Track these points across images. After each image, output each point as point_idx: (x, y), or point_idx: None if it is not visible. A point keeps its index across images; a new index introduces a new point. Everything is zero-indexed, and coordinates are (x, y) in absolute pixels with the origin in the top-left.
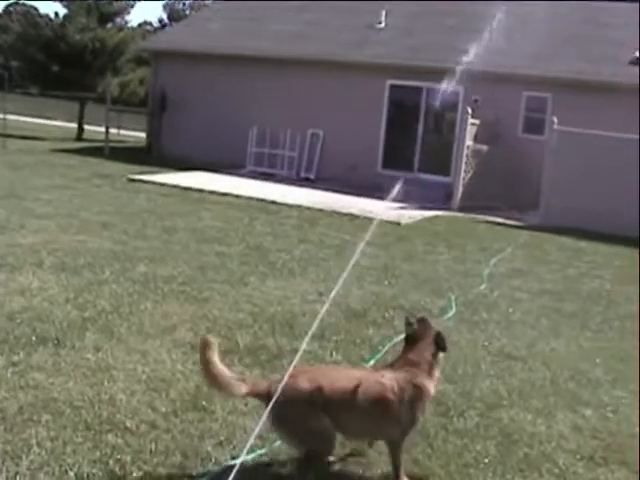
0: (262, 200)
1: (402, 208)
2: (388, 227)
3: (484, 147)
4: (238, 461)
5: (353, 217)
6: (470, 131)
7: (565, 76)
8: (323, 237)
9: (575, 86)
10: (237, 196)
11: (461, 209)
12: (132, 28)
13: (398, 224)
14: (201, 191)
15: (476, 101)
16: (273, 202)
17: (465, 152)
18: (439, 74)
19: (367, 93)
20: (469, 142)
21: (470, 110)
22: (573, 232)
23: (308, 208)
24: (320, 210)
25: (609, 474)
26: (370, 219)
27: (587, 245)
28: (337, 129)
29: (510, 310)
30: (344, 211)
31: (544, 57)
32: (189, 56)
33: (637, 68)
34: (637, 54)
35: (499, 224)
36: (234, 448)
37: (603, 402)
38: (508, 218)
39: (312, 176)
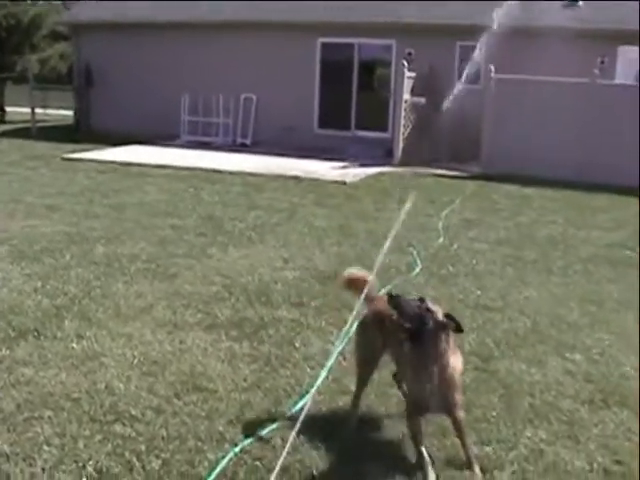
0: (203, 169)
1: (344, 167)
2: (334, 187)
3: (422, 100)
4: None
5: (298, 179)
6: (407, 85)
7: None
8: (272, 202)
9: (507, 34)
10: (177, 167)
11: (403, 164)
12: (47, 2)
13: (344, 183)
14: (140, 165)
15: (410, 54)
16: (215, 170)
17: (403, 106)
18: (371, 29)
19: (298, 53)
20: (406, 96)
21: (405, 63)
22: (516, 179)
23: (251, 174)
24: (263, 175)
25: (613, 416)
26: (315, 180)
27: (533, 192)
28: (270, 92)
29: (474, 262)
30: (288, 174)
31: (475, 6)
32: (111, 27)
33: (570, 12)
34: None
35: (443, 176)
36: (245, 425)
37: (587, 345)
38: (450, 169)
39: (248, 141)
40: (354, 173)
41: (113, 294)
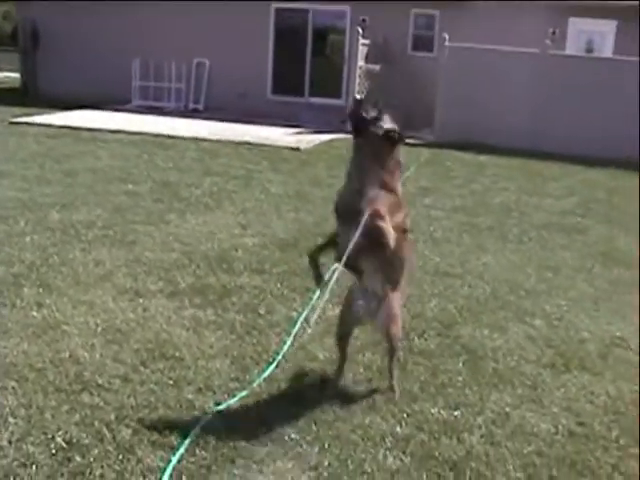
0: (156, 135)
1: (298, 133)
2: (288, 153)
3: (376, 67)
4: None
5: (251, 145)
6: (361, 52)
7: None
8: (227, 168)
9: (462, 2)
10: (129, 132)
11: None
12: None
13: (298, 149)
14: (91, 130)
15: (364, 21)
16: (168, 136)
17: (357, 73)
18: None
19: (252, 18)
20: (361, 63)
21: (360, 30)
22: (470, 147)
23: (204, 139)
24: (217, 141)
25: (574, 380)
26: (269, 146)
27: (487, 159)
28: (223, 57)
29: (431, 229)
30: (241, 140)
31: None
32: None
33: None
34: None
35: None
36: (214, 393)
37: (546, 311)
38: (404, 137)
39: (200, 107)
40: (308, 139)
41: (71, 261)
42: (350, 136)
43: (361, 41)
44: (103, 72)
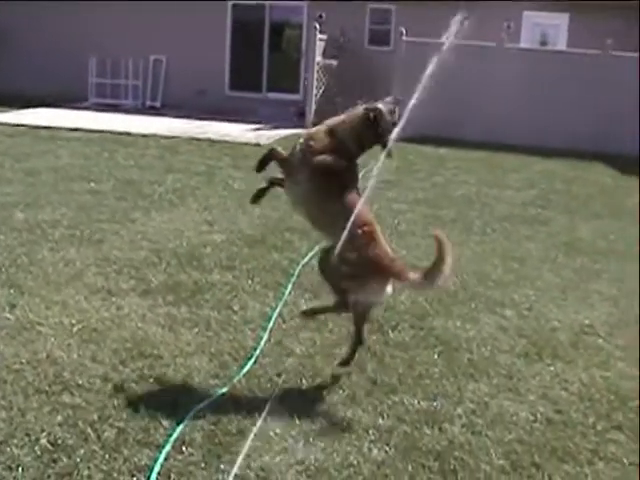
0: (115, 132)
1: (257, 129)
2: (249, 149)
3: (333, 62)
4: (203, 404)
5: (212, 142)
6: (319, 47)
7: None
8: (188, 165)
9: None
10: (88, 130)
11: (316, 125)
12: None
13: (258, 145)
14: (50, 128)
15: (321, 16)
16: (127, 134)
17: (315, 68)
18: None
19: (209, 14)
20: (318, 58)
21: (317, 26)
22: (430, 141)
23: (164, 137)
24: (177, 137)
25: (548, 368)
26: (229, 142)
27: (447, 152)
28: (180, 54)
29: (396, 222)
30: (201, 136)
31: None
32: None
33: None
34: None
35: None
36: (196, 390)
37: (516, 301)
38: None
39: (158, 104)
40: (268, 135)
41: (40, 261)
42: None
43: (318, 36)
44: (58, 70)
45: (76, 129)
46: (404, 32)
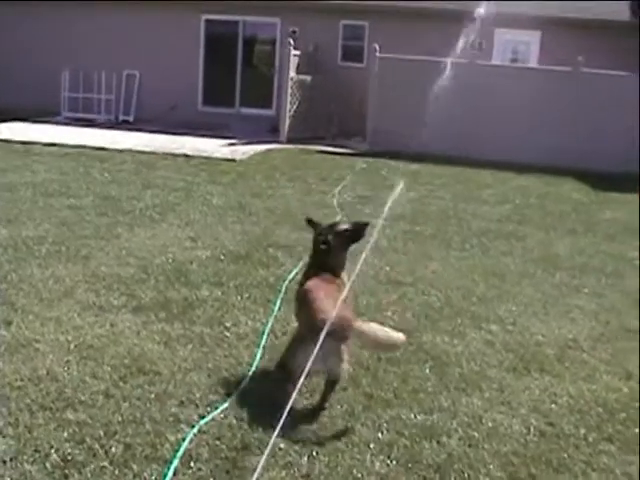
0: (91, 147)
1: (232, 145)
2: (225, 165)
3: (307, 78)
4: (203, 421)
5: (188, 157)
6: (292, 63)
7: (381, 4)
8: (166, 180)
9: (391, 13)
10: (63, 145)
11: (290, 141)
12: None
13: (233, 160)
14: (24, 143)
15: (294, 32)
16: (102, 148)
17: (289, 84)
18: (255, 7)
19: (182, 30)
20: (292, 74)
21: (291, 41)
22: (402, 156)
23: (140, 152)
24: (153, 153)
25: (537, 382)
26: (205, 158)
27: (420, 168)
28: (154, 68)
29: (376, 237)
30: (177, 152)
31: None
32: None
33: None
34: None
35: (330, 153)
36: (197, 406)
37: (500, 316)
38: (337, 146)
39: (131, 118)
40: (242, 150)
41: (30, 278)
42: (283, 147)
43: (292, 52)
44: (30, 83)
45: (51, 144)
46: (377, 48)
